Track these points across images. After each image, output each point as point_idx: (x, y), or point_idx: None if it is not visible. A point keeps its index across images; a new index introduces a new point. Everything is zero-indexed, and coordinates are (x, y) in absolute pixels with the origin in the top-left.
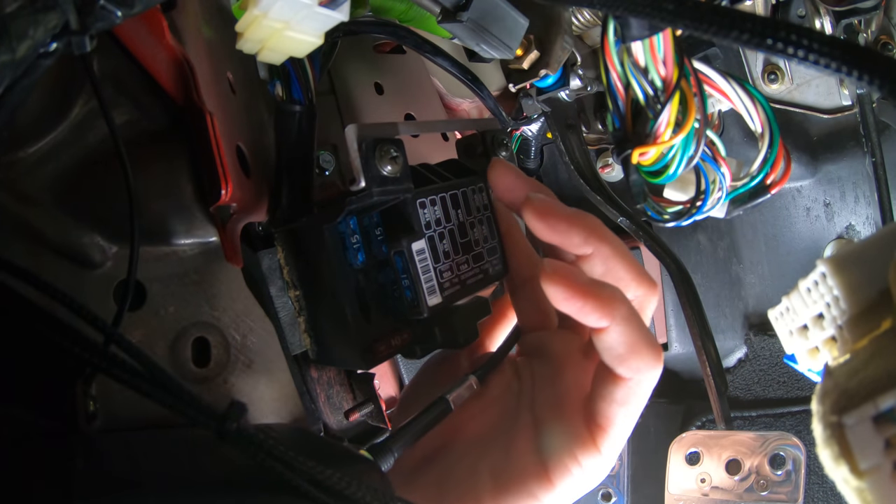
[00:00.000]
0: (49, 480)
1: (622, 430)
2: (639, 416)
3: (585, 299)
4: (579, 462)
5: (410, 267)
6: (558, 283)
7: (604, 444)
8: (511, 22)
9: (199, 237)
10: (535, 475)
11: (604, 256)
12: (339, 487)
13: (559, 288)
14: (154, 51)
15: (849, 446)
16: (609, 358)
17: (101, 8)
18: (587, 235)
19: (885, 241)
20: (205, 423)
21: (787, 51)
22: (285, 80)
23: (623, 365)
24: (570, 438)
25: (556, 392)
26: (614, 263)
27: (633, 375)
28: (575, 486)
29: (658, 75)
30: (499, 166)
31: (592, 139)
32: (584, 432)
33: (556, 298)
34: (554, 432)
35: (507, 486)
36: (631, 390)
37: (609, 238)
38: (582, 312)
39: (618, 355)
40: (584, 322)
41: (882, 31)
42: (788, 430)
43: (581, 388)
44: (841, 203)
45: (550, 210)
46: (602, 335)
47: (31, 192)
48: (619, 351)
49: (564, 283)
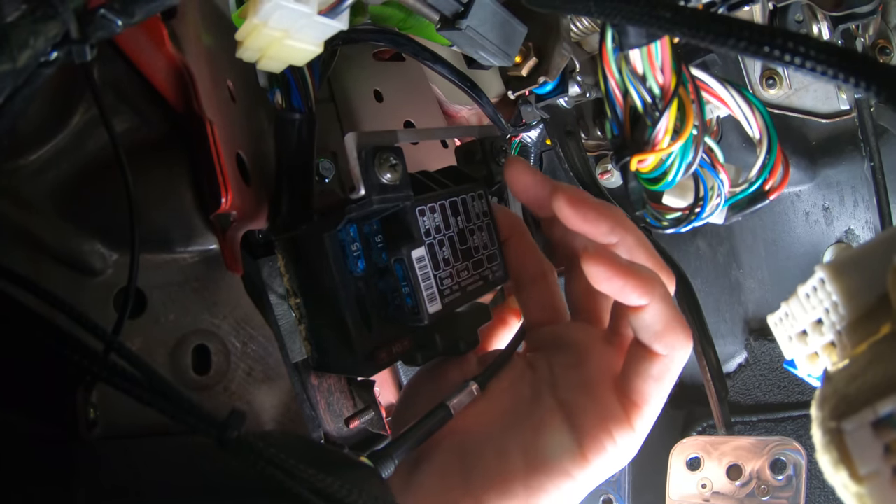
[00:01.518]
0: (50, 488)
1: (655, 407)
2: (668, 395)
3: (627, 279)
4: (614, 439)
5: (410, 274)
6: (602, 263)
7: (637, 420)
8: (510, 29)
9: (199, 245)
10: (569, 453)
11: (628, 245)
12: (339, 495)
13: (602, 268)
14: (154, 59)
15: (848, 452)
16: (647, 335)
17: (101, 17)
18: (613, 225)
19: (883, 247)
20: (205, 432)
21: (783, 58)
22: (285, 89)
23: (660, 341)
24: (605, 416)
25: (584, 376)
26: (638, 252)
27: (668, 352)
28: (608, 463)
29: (656, 83)
30: (517, 164)
31: (591, 146)
32: (618, 410)
33: (599, 279)
34: (587, 411)
35: (540, 465)
36: (666, 366)
37: (633, 228)
38: (623, 291)
39: (655, 332)
40: (625, 301)
41: (879, 35)
42: (789, 434)
43: (610, 369)
44: (840, 207)
45: (582, 200)
46: (641, 313)
47: (31, 200)
48: (657, 328)
49: (607, 264)
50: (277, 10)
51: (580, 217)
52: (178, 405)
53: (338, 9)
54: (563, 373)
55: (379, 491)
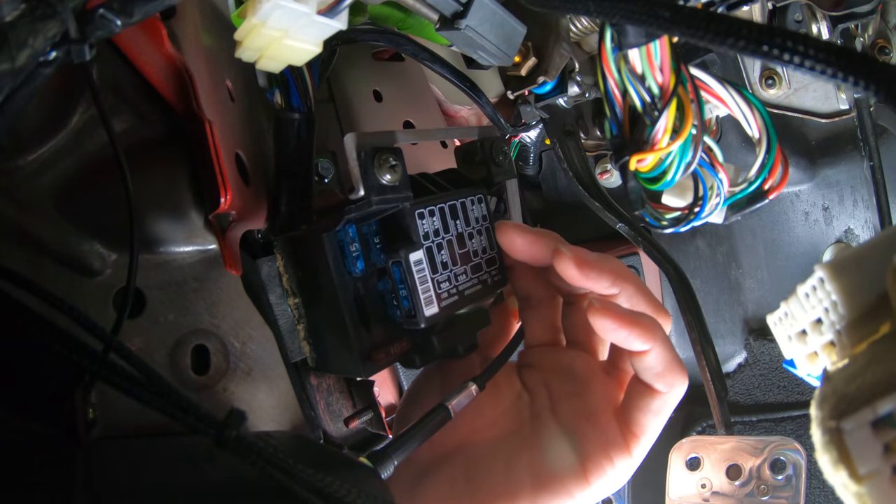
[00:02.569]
0: (49, 488)
1: (651, 437)
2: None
3: (631, 329)
4: (614, 464)
5: (408, 277)
6: (607, 317)
7: (636, 448)
8: (509, 29)
9: (198, 245)
10: (573, 474)
11: (628, 294)
12: (338, 495)
13: (608, 322)
14: (153, 59)
15: (847, 451)
16: (648, 376)
17: (100, 17)
18: (615, 279)
19: (883, 246)
20: (204, 432)
21: (782, 57)
22: (284, 89)
23: (660, 380)
24: (607, 444)
25: (587, 405)
26: (637, 300)
27: (667, 389)
28: (606, 486)
29: (655, 82)
30: (507, 230)
31: (591, 145)
32: (619, 438)
33: (605, 330)
34: (591, 439)
35: (547, 484)
36: (664, 401)
37: (632, 278)
38: (628, 340)
39: (657, 373)
40: (629, 347)
41: (879, 34)
42: (789, 434)
43: (612, 401)
44: (839, 207)
45: (583, 261)
46: (643, 357)
47: (31, 200)
48: (658, 369)
49: (612, 318)
50: (276, 9)
51: (583, 276)
52: (177, 405)
53: (337, 8)
54: (564, 400)
55: (378, 491)
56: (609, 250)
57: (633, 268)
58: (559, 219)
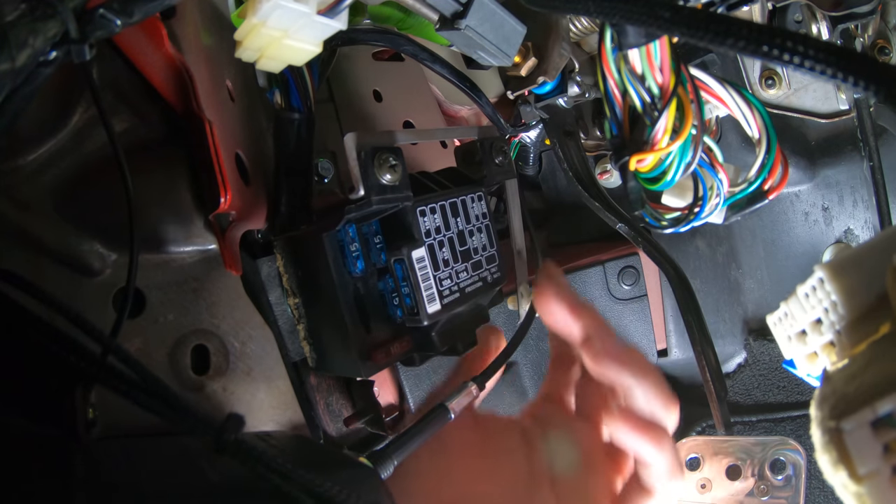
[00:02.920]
0: (49, 488)
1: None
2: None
3: (644, 437)
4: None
5: (411, 274)
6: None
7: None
8: (509, 29)
9: (198, 245)
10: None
11: (644, 390)
12: (337, 500)
13: (624, 429)
14: (153, 59)
15: (847, 451)
16: (650, 481)
17: (100, 17)
18: (634, 377)
19: (882, 246)
20: (202, 435)
21: (782, 58)
22: (284, 88)
23: (661, 485)
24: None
25: (587, 488)
26: (652, 396)
27: (665, 492)
28: None
29: (655, 82)
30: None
31: (591, 145)
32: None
33: (619, 435)
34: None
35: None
36: (660, 500)
37: (651, 372)
38: (639, 446)
39: (658, 480)
40: (638, 452)
41: (878, 35)
42: (788, 434)
43: (610, 490)
44: (839, 207)
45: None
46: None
47: (30, 200)
48: (663, 476)
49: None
50: (276, 9)
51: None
52: (175, 408)
53: (337, 8)
54: (563, 470)
55: (377, 492)
56: (609, 250)
57: (633, 268)
58: (559, 219)
